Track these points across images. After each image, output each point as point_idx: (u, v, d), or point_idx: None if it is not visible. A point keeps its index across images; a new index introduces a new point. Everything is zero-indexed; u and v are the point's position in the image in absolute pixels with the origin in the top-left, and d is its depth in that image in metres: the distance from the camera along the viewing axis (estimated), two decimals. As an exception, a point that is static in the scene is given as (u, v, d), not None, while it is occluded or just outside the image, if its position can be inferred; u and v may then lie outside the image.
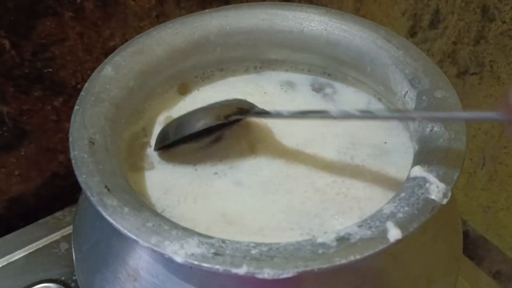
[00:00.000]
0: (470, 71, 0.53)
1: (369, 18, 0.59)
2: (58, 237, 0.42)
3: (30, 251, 0.41)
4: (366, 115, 0.25)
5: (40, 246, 0.41)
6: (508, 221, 0.56)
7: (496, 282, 0.50)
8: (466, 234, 0.58)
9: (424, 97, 0.27)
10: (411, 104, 0.28)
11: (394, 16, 0.59)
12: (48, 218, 0.43)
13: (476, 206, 0.58)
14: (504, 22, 0.48)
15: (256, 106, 0.29)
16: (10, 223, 0.43)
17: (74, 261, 0.28)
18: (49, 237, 0.42)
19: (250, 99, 0.30)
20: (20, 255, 0.41)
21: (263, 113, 0.28)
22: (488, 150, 0.54)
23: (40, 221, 0.43)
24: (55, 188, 0.44)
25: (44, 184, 0.44)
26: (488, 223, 0.57)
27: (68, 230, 0.42)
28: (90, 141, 0.25)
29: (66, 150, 0.43)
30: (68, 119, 0.41)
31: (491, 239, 0.57)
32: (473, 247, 0.57)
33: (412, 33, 0.58)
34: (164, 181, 0.28)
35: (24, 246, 0.41)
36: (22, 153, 0.41)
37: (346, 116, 0.26)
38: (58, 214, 0.43)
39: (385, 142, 0.30)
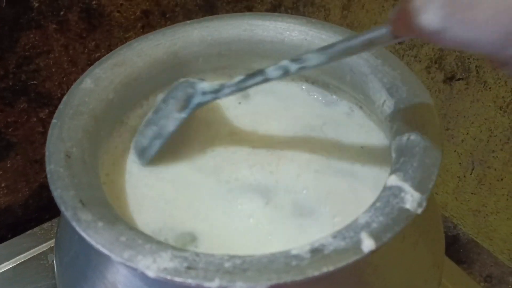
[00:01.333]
0: (457, 76, 0.54)
1: (356, 25, 0.59)
2: (45, 249, 0.42)
3: (18, 262, 0.41)
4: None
5: (28, 257, 0.41)
6: (498, 224, 0.56)
7: (485, 286, 0.50)
8: (456, 238, 0.58)
9: (401, 106, 0.27)
10: (388, 112, 0.28)
11: (381, 23, 0.59)
12: (36, 229, 0.43)
13: (467, 210, 0.58)
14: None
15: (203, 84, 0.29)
16: (-2, 235, 0.43)
17: (56, 274, 0.28)
18: (36, 248, 0.42)
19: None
20: (8, 267, 0.41)
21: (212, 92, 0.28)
22: (477, 154, 0.55)
23: (28, 232, 0.43)
24: (43, 199, 0.44)
25: (32, 195, 0.44)
26: (479, 227, 0.57)
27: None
28: (67, 155, 0.25)
29: (53, 161, 0.43)
30: (54, 130, 0.41)
31: (482, 242, 0.57)
32: (464, 250, 0.57)
33: (400, 42, 0.58)
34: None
35: (12, 257, 0.41)
36: (9, 165, 0.41)
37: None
38: (46, 225, 0.43)
39: (362, 147, 0.30)
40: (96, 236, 0.21)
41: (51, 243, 0.42)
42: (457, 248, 0.56)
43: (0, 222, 0.43)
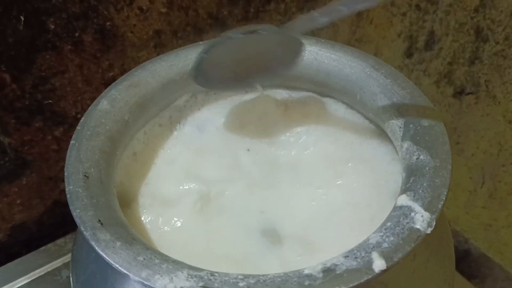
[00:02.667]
0: (466, 90, 0.54)
1: (365, 40, 0.60)
2: (59, 264, 0.42)
3: (32, 278, 0.42)
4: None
5: (42, 273, 0.42)
6: (510, 238, 0.56)
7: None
8: (468, 252, 0.58)
9: (411, 125, 0.28)
10: (399, 132, 0.28)
11: (390, 37, 0.60)
12: (50, 245, 0.44)
13: (478, 224, 0.58)
14: (497, 43, 0.49)
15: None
16: (12, 251, 0.44)
17: (72, 292, 0.29)
18: (50, 264, 0.42)
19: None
20: (23, 283, 0.41)
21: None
22: (487, 168, 0.55)
23: (42, 248, 0.43)
24: (57, 216, 0.45)
25: (46, 212, 0.45)
26: (490, 241, 0.57)
27: (69, 257, 0.42)
28: (85, 175, 0.25)
29: (67, 178, 0.44)
30: (69, 148, 0.42)
31: (494, 256, 0.57)
32: (475, 265, 0.57)
33: (408, 54, 0.59)
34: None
35: (26, 273, 0.42)
36: (24, 182, 0.42)
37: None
38: (59, 241, 0.44)
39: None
40: (114, 256, 0.21)
41: (65, 259, 0.43)
42: (468, 263, 0.56)
43: (15, 238, 0.44)
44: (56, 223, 0.45)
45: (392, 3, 0.57)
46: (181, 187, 0.30)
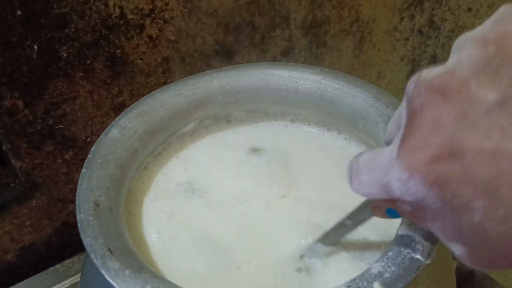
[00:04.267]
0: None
1: (368, 64, 0.61)
2: (67, 285, 0.43)
3: (40, 299, 0.42)
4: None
5: (50, 294, 0.43)
6: (514, 261, 0.56)
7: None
8: (471, 274, 0.58)
9: (412, 155, 0.28)
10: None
11: (393, 61, 0.61)
12: (58, 266, 0.44)
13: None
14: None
15: None
16: (21, 271, 0.45)
17: (81, 316, 0.29)
18: (58, 285, 0.43)
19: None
20: (31, 303, 0.42)
21: None
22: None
23: (50, 269, 0.44)
24: (65, 236, 0.46)
25: (55, 233, 0.45)
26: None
27: (77, 278, 0.43)
28: (96, 203, 0.26)
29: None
30: (78, 171, 0.43)
31: (497, 278, 0.57)
32: (479, 287, 0.57)
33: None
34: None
35: (34, 294, 0.42)
36: (34, 204, 0.42)
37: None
38: (67, 262, 0.45)
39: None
40: (123, 284, 0.22)
41: (73, 279, 0.43)
42: (472, 285, 0.56)
43: (24, 259, 0.45)
44: (64, 244, 0.46)
45: (395, 28, 0.58)
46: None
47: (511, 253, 0.18)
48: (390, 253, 0.24)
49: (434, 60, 0.56)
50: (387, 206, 0.23)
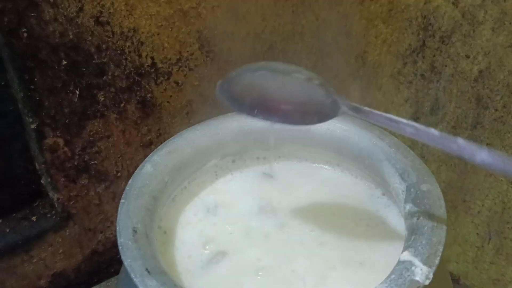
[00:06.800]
0: (469, 153, 0.58)
1: (374, 105, 0.65)
2: (94, 309, 0.46)
3: (70, 323, 0.46)
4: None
5: (79, 318, 0.46)
6: (518, 293, 0.57)
7: None
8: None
9: (412, 189, 0.32)
10: (401, 195, 0.33)
11: (398, 103, 0.65)
12: (86, 291, 0.48)
13: (487, 279, 0.60)
14: (496, 110, 0.53)
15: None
16: (52, 297, 0.48)
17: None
18: (86, 309, 0.46)
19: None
20: (60, 327, 0.45)
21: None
22: (493, 225, 0.58)
23: (79, 294, 0.48)
24: (93, 264, 0.49)
25: (84, 260, 0.49)
26: (500, 296, 0.59)
27: (104, 302, 0.47)
28: (134, 230, 0.30)
29: (104, 230, 0.49)
30: (109, 203, 0.47)
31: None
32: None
33: (415, 118, 0.64)
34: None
35: (64, 318, 0.46)
36: (67, 233, 0.46)
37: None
38: (94, 287, 0.48)
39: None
40: (160, 300, 0.26)
41: (100, 304, 0.47)
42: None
43: (55, 285, 0.48)
44: (92, 271, 0.50)
45: (399, 72, 0.62)
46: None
47: None
48: (393, 276, 0.27)
49: (436, 102, 0.60)
50: None
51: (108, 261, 0.50)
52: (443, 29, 0.55)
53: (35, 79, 0.39)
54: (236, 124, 0.39)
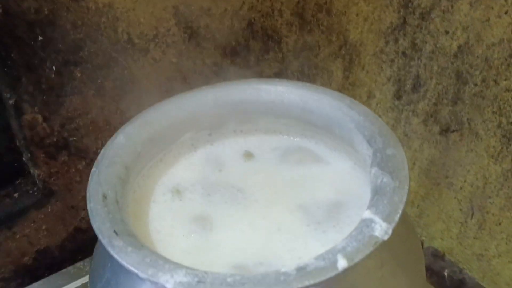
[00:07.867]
0: (451, 128, 0.58)
1: (358, 84, 0.66)
2: (78, 285, 0.47)
3: (54, 297, 0.46)
4: None
5: (63, 293, 0.47)
6: (501, 268, 0.58)
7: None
8: (463, 282, 0.61)
9: (378, 154, 0.33)
10: (368, 160, 0.33)
11: (381, 81, 0.65)
12: (70, 268, 0.48)
13: (471, 255, 0.61)
14: (476, 85, 0.54)
15: None
16: (37, 273, 0.49)
17: (90, 298, 0.33)
18: (70, 285, 0.47)
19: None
20: (45, 301, 0.46)
21: None
22: (475, 200, 0.58)
23: (63, 270, 0.48)
24: (77, 241, 0.50)
25: (68, 238, 0.50)
26: (484, 271, 0.60)
27: (87, 279, 0.47)
28: (104, 196, 0.31)
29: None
30: (90, 180, 0.48)
31: (488, 286, 0.59)
32: (470, 294, 0.59)
33: (398, 96, 0.64)
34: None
35: (48, 293, 0.47)
36: (50, 210, 0.47)
37: None
38: (78, 264, 0.49)
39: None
40: (126, 258, 0.26)
41: (83, 279, 0.47)
42: (463, 292, 0.58)
43: (39, 262, 0.49)
44: (76, 249, 0.50)
45: (381, 51, 0.63)
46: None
47: None
48: (354, 233, 0.28)
49: (418, 79, 0.60)
50: None
51: (92, 239, 0.51)
52: (422, 5, 0.55)
53: (12, 55, 0.39)
54: (212, 97, 0.40)
